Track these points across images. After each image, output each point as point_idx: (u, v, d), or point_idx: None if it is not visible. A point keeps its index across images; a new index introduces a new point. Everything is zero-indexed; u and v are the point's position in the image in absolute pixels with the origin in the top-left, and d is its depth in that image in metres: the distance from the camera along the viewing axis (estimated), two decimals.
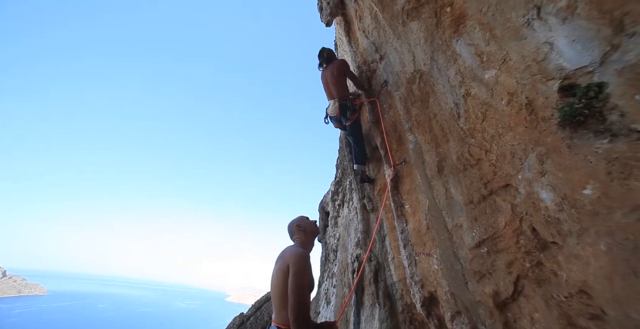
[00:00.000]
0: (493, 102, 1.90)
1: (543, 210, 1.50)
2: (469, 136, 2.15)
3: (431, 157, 2.62)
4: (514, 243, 1.74)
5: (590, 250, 1.23)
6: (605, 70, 1.06)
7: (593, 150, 1.15)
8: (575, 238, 1.32)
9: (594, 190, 1.17)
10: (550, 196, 1.43)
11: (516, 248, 1.73)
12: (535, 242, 1.59)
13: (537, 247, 1.58)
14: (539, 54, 1.43)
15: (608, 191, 1.12)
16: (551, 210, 1.43)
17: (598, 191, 1.15)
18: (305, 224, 2.12)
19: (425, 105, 2.64)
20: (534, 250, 1.60)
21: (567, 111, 1.24)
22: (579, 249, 1.29)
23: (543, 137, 1.47)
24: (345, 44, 4.32)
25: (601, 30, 1.04)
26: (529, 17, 1.44)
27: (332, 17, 4.22)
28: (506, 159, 1.82)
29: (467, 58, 2.08)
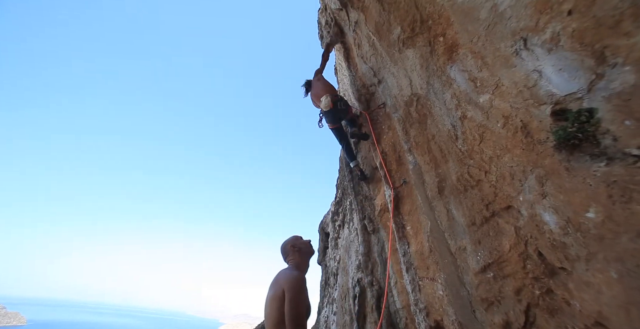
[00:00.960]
0: (489, 125, 1.94)
1: (548, 233, 1.47)
2: (468, 157, 2.18)
3: (431, 178, 2.62)
4: (521, 267, 1.68)
5: (601, 277, 1.18)
6: (594, 97, 1.10)
7: (591, 173, 1.16)
8: (583, 264, 1.27)
9: (598, 214, 1.15)
10: (554, 219, 1.41)
11: (523, 273, 1.67)
12: (543, 267, 1.54)
13: (545, 273, 1.52)
14: (529, 81, 1.49)
15: (612, 215, 1.10)
16: (556, 233, 1.40)
17: (601, 214, 1.14)
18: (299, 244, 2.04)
19: (423, 127, 2.70)
20: (542, 276, 1.54)
21: (561, 134, 1.26)
22: (589, 276, 1.24)
23: (541, 159, 1.48)
24: (345, 68, 4.53)
25: (585, 61, 1.10)
26: (516, 48, 1.53)
27: (332, 45, 4.47)
28: (506, 180, 1.82)
29: (462, 83, 2.17)
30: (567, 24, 1.18)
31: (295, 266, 1.91)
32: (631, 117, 0.98)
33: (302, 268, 1.93)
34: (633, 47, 0.94)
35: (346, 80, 4.45)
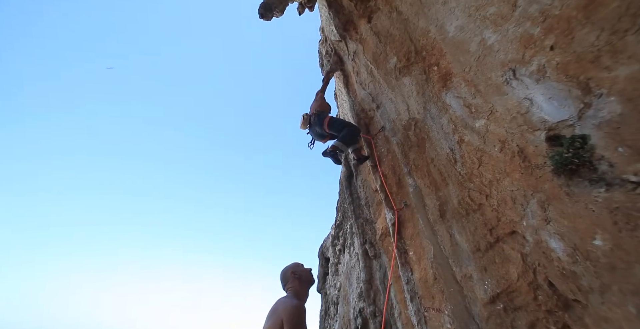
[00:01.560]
0: (487, 149, 1.97)
1: (556, 261, 1.42)
2: (468, 180, 2.18)
3: (432, 201, 2.59)
4: (532, 299, 1.59)
5: (619, 312, 1.11)
6: (585, 124, 1.14)
7: (592, 199, 1.15)
8: (598, 296, 1.21)
9: (605, 241, 1.12)
10: (560, 246, 1.37)
11: (535, 305, 1.58)
12: (556, 299, 1.45)
13: (558, 306, 1.44)
14: (521, 108, 1.55)
15: (620, 244, 1.07)
16: (565, 261, 1.35)
17: (609, 242, 1.11)
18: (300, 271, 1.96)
19: (422, 150, 2.73)
20: (556, 309, 1.46)
21: (558, 159, 1.28)
22: (605, 310, 1.17)
23: (540, 183, 1.48)
24: (344, 94, 4.73)
25: (572, 91, 1.16)
26: (506, 77, 1.61)
27: (332, 72, 4.71)
28: (507, 205, 1.80)
29: (457, 109, 2.25)
30: (551, 58, 1.25)
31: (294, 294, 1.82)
32: (623, 144, 1.00)
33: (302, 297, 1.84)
34: (614, 79, 0.99)
35: (346, 105, 4.61)
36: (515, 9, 1.48)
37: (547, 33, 1.29)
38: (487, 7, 1.74)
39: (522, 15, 1.44)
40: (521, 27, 1.46)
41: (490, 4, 1.70)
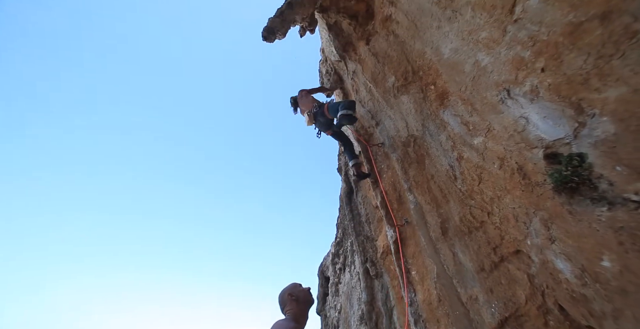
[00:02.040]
0: (486, 166, 1.98)
1: (565, 283, 1.37)
2: (469, 197, 2.16)
3: (433, 218, 2.56)
4: (543, 324, 1.52)
5: None
6: (581, 143, 1.15)
7: (595, 218, 1.14)
8: (612, 322, 1.15)
9: (613, 262, 1.09)
10: (568, 267, 1.33)
11: None
12: (568, 325, 1.38)
13: None
14: (518, 126, 1.58)
15: (628, 265, 1.04)
16: (573, 283, 1.30)
17: (617, 264, 1.08)
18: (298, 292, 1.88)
19: (421, 167, 2.74)
20: None
21: (557, 177, 1.28)
22: None
23: (542, 201, 1.47)
24: None
25: (565, 111, 1.19)
26: (501, 97, 1.66)
27: (332, 90, 4.86)
28: (510, 222, 1.77)
29: (455, 126, 2.28)
30: (543, 79, 1.30)
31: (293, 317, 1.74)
32: (621, 163, 1.00)
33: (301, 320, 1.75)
34: (605, 100, 1.02)
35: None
36: (505, 34, 1.55)
37: (537, 56, 1.35)
38: (479, 32, 1.83)
39: (512, 39, 1.51)
40: (512, 51, 1.53)
41: (481, 29, 1.79)
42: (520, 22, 1.43)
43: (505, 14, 1.53)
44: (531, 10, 1.33)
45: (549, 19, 1.22)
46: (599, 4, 0.99)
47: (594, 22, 1.01)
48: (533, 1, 1.30)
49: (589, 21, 1.03)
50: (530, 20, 1.35)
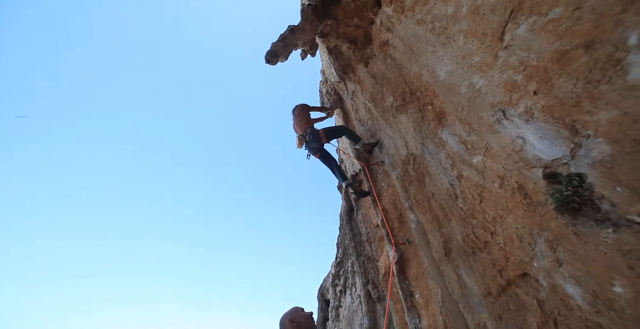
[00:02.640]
0: (486, 185, 1.98)
1: (577, 310, 1.30)
2: (471, 216, 2.13)
3: (435, 238, 2.50)
4: None
5: None
6: (578, 163, 1.16)
7: (602, 240, 1.11)
8: None
9: (625, 288, 1.05)
10: (579, 292, 1.27)
11: None
12: None
13: None
14: (515, 145, 1.60)
15: None
16: (586, 311, 1.24)
17: (630, 290, 1.03)
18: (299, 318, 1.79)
19: (422, 185, 2.74)
20: None
21: (558, 197, 1.27)
22: None
23: (545, 221, 1.45)
24: None
25: (560, 132, 1.21)
26: (497, 117, 1.70)
27: (332, 109, 4.99)
28: (515, 243, 1.73)
29: (454, 145, 2.31)
30: (536, 101, 1.34)
31: None
32: (621, 184, 1.00)
33: None
34: (598, 122, 1.04)
35: (345, 140, 4.75)
36: (497, 59, 1.63)
37: (528, 80, 1.41)
38: (472, 57, 1.92)
39: (504, 64, 1.59)
40: (505, 74, 1.59)
41: (474, 54, 1.88)
42: (510, 48, 1.51)
43: (495, 41, 1.62)
44: (519, 38, 1.41)
45: (537, 46, 1.29)
46: (582, 34, 1.05)
47: (579, 51, 1.07)
48: (520, 30, 1.38)
49: (574, 49, 1.09)
50: (520, 47, 1.43)
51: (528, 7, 1.32)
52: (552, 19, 1.18)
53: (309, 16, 3.50)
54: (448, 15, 2.11)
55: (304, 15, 3.51)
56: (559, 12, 1.14)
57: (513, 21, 1.44)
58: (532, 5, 1.29)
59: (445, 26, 2.17)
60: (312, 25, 3.54)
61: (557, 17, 1.15)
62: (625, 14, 0.90)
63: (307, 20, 3.50)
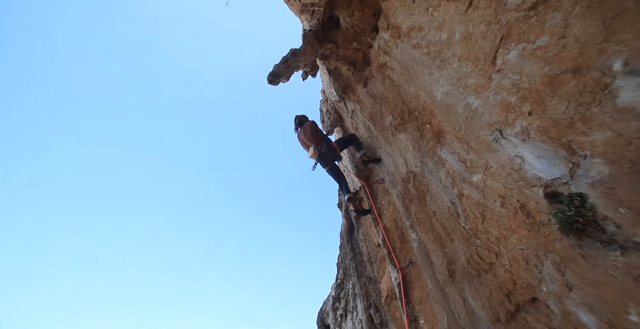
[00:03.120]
0: (488, 203, 1.96)
1: None
2: (474, 236, 2.08)
3: (439, 258, 2.43)
4: None
5: None
6: (579, 183, 1.16)
7: (611, 263, 1.08)
8: None
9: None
10: (593, 321, 1.21)
11: None
12: None
13: None
14: (514, 164, 1.61)
15: None
16: None
17: None
18: None
19: (423, 203, 2.71)
20: None
21: (561, 217, 1.25)
22: None
23: (550, 242, 1.42)
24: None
25: (557, 151, 1.22)
26: (495, 136, 1.72)
27: (332, 127, 5.08)
28: (520, 265, 1.67)
29: (453, 164, 2.32)
30: (531, 121, 1.37)
31: None
32: (623, 205, 0.99)
33: None
34: (593, 143, 1.06)
35: (345, 158, 4.79)
36: (491, 81, 1.69)
37: (522, 101, 1.45)
38: (466, 79, 1.99)
39: (497, 86, 1.64)
40: (499, 95, 1.65)
41: (468, 76, 1.96)
42: (502, 71, 1.57)
43: (488, 64, 1.70)
44: (510, 62, 1.47)
45: (528, 70, 1.35)
46: (569, 60, 1.10)
47: (567, 75, 1.12)
48: (511, 55, 1.45)
49: (563, 74, 1.14)
50: (511, 70, 1.49)
51: (516, 35, 1.40)
52: (539, 46, 1.25)
53: (310, 40, 3.69)
54: (442, 40, 2.22)
55: (306, 40, 3.70)
56: (546, 41, 1.20)
57: (503, 47, 1.52)
58: (520, 34, 1.37)
59: (440, 50, 2.28)
60: (313, 48, 3.72)
61: (544, 44, 1.22)
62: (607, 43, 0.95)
63: (309, 43, 3.68)
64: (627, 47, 0.91)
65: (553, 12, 1.15)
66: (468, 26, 1.84)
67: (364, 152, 3.80)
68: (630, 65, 0.91)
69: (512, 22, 1.42)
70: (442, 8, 2.11)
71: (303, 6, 3.95)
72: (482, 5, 1.65)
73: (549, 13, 1.17)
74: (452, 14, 2.00)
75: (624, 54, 0.92)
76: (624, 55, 0.93)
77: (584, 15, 1.02)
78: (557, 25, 1.14)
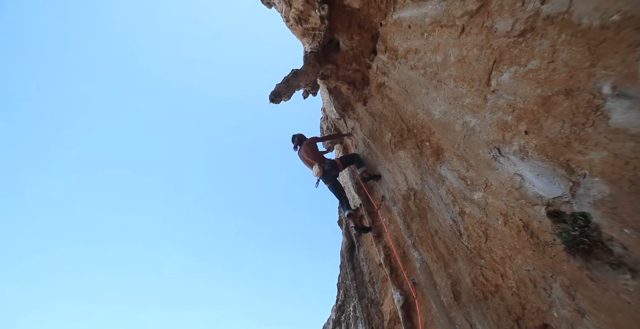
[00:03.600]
0: (490, 222, 1.93)
1: None
2: (477, 256, 2.03)
3: (442, 279, 2.34)
4: None
5: None
6: (581, 202, 1.15)
7: (622, 287, 1.04)
8: None
9: None
10: None
11: None
12: None
13: None
14: (514, 183, 1.61)
15: None
16: None
17: None
18: None
19: (424, 221, 2.67)
20: None
21: (566, 237, 1.23)
22: None
23: (557, 264, 1.37)
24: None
25: (556, 170, 1.23)
26: (493, 154, 1.74)
27: (332, 144, 5.14)
28: (528, 288, 1.61)
29: (454, 181, 2.32)
30: (529, 140, 1.39)
31: None
32: (628, 226, 0.98)
33: None
34: (591, 162, 1.07)
35: (345, 174, 4.80)
36: (486, 101, 1.74)
37: (518, 120, 1.48)
38: (463, 98, 2.05)
39: (493, 105, 1.69)
40: (495, 115, 1.68)
41: (465, 96, 2.02)
42: (497, 92, 1.62)
43: (483, 85, 1.75)
44: (504, 84, 1.53)
45: (521, 91, 1.39)
46: (560, 83, 1.14)
47: (560, 96, 1.15)
48: (504, 77, 1.51)
49: (556, 95, 1.17)
50: (506, 91, 1.53)
51: (508, 58, 1.46)
52: (531, 69, 1.30)
53: (311, 61, 3.85)
54: (437, 62, 2.31)
55: (307, 61, 3.86)
56: (536, 64, 1.26)
57: (497, 69, 1.58)
58: (511, 57, 1.43)
59: (436, 72, 2.37)
60: (314, 69, 3.87)
61: (535, 68, 1.27)
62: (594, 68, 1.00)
63: (310, 64, 3.83)
64: (614, 72, 0.95)
65: (541, 39, 1.21)
66: (462, 50, 1.93)
67: (364, 169, 3.82)
68: (618, 89, 0.94)
69: (503, 47, 1.49)
70: (436, 33, 2.22)
71: (305, 30, 4.17)
72: (473, 31, 1.74)
73: (537, 39, 1.23)
74: (446, 38, 2.10)
75: (611, 78, 0.96)
76: (611, 80, 0.96)
77: (570, 43, 1.08)
78: (545, 50, 1.20)
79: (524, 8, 1.31)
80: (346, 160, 4.06)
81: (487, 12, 1.62)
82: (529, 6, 1.27)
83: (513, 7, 1.39)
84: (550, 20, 1.16)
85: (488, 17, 1.61)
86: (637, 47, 0.87)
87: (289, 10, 4.07)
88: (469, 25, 1.79)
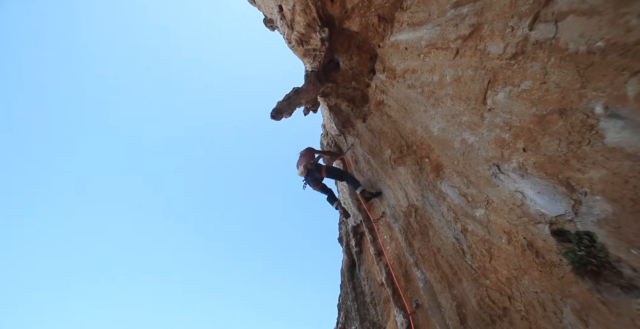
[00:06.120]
0: (493, 240, 1.89)
1: None
2: (482, 276, 1.96)
3: (447, 301, 2.25)
4: None
5: None
6: (584, 221, 1.13)
7: (636, 313, 0.99)
8: None
9: None
10: None
11: None
12: None
13: None
14: (515, 200, 1.59)
15: None
16: None
17: None
18: None
19: (426, 239, 2.61)
20: None
21: (572, 258, 1.20)
22: None
23: (566, 286, 1.32)
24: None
25: (557, 187, 1.23)
26: (493, 171, 1.74)
27: (332, 160, 5.16)
28: (538, 311, 1.54)
29: (454, 198, 2.30)
30: (527, 158, 1.40)
31: None
32: (634, 246, 0.96)
33: None
34: (591, 180, 1.07)
35: (346, 190, 4.77)
36: (483, 119, 1.77)
37: (516, 138, 1.50)
38: (460, 116, 2.09)
39: (490, 123, 1.72)
40: (493, 132, 1.71)
41: (462, 114, 2.06)
42: (493, 110, 1.66)
43: (479, 104, 1.80)
44: (500, 102, 1.57)
45: (517, 110, 1.43)
46: (553, 103, 1.18)
47: (554, 116, 1.18)
48: (499, 96, 1.55)
49: (550, 114, 1.20)
50: (502, 109, 1.57)
51: (502, 79, 1.51)
52: (524, 89, 1.34)
53: (312, 80, 3.98)
54: (434, 82, 2.39)
55: (308, 80, 3.99)
56: (529, 85, 1.30)
57: (492, 89, 1.63)
58: (505, 78, 1.48)
59: (433, 90, 2.44)
60: (314, 87, 3.99)
61: (528, 88, 1.31)
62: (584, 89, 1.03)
63: (310, 83, 3.96)
64: (604, 93, 0.98)
65: (532, 61, 1.27)
66: (457, 70, 2.00)
67: (362, 189, 3.76)
68: (610, 109, 0.97)
69: (496, 68, 1.55)
70: (432, 54, 2.32)
71: (306, 51, 4.35)
72: (467, 53, 1.82)
73: (528, 62, 1.29)
74: (441, 59, 2.19)
75: (602, 99, 0.99)
76: (602, 100, 0.99)
77: (559, 66, 1.12)
78: (537, 72, 1.24)
79: (514, 33, 1.38)
80: (334, 172, 4.09)
81: (479, 36, 1.70)
82: (518, 32, 1.34)
83: (503, 32, 1.46)
84: (539, 45, 1.22)
85: (480, 41, 1.68)
86: (624, 71, 0.90)
87: (291, 32, 4.28)
88: (463, 48, 1.87)
